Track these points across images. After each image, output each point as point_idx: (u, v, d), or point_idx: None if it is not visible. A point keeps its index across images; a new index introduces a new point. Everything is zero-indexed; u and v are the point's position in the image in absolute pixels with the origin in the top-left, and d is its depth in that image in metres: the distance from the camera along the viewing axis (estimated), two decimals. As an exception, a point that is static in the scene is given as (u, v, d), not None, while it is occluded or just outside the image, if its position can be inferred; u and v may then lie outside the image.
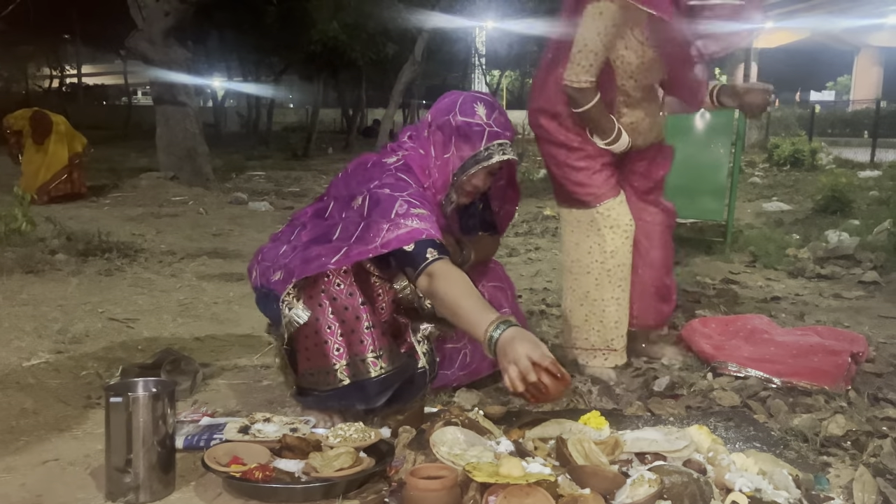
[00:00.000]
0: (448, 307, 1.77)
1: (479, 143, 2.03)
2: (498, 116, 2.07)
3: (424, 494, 1.39)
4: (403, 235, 1.81)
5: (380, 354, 1.88)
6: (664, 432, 1.76)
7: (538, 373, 1.56)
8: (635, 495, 1.44)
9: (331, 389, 1.88)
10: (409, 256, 1.81)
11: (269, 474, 1.56)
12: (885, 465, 1.67)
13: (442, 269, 1.79)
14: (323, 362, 1.88)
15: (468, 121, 2.03)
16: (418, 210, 1.86)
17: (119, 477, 1.55)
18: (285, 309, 1.86)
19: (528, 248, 5.05)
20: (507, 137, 2.07)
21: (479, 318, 1.69)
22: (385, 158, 2.06)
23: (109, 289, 3.58)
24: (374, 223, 1.86)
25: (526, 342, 1.60)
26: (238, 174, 9.82)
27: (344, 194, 2.03)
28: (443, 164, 2.05)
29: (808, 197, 7.71)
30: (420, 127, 2.14)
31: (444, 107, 2.09)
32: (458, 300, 1.74)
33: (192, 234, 5.46)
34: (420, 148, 2.08)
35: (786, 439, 1.89)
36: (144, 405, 1.55)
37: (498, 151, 2.03)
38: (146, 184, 7.92)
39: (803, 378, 2.27)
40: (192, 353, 2.54)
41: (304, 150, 14.64)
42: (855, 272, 4.29)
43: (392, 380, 1.90)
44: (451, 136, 2.04)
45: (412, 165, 2.03)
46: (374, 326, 1.89)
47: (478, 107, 2.06)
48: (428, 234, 1.82)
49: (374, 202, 1.90)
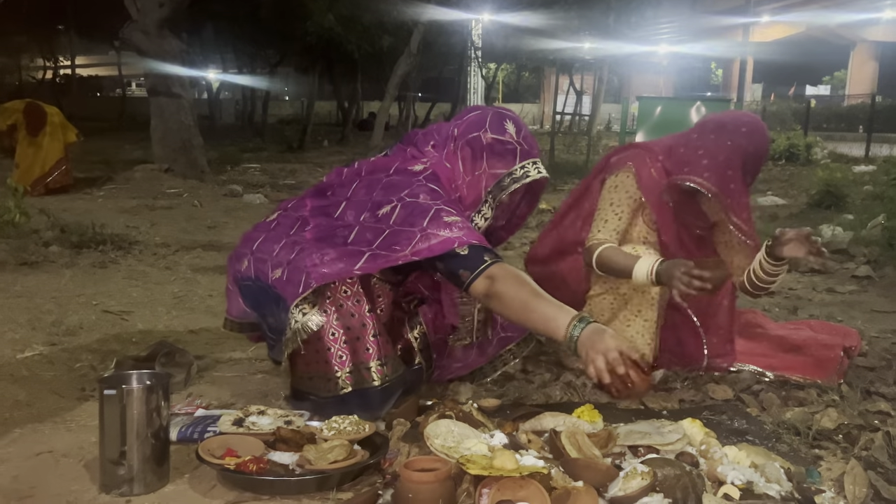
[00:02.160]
0: (517, 308, 1.78)
1: (512, 162, 2.02)
2: (526, 134, 2.08)
3: (418, 487, 1.40)
4: (449, 239, 1.80)
5: (384, 363, 1.87)
6: (657, 425, 1.77)
7: (626, 366, 1.64)
8: (628, 488, 1.45)
9: (330, 396, 1.86)
10: (463, 259, 1.80)
11: (263, 466, 1.56)
12: (876, 459, 1.68)
13: (505, 271, 1.80)
14: (324, 368, 1.86)
15: (500, 138, 2.03)
16: (460, 219, 1.86)
17: (113, 469, 1.55)
18: (298, 314, 1.81)
19: (524, 241, 5.04)
20: (537, 155, 2.08)
21: (556, 315, 1.74)
22: (409, 166, 2.01)
23: (104, 281, 3.58)
24: (405, 231, 1.83)
25: (614, 337, 1.68)
26: (233, 166, 9.79)
27: (364, 199, 1.97)
28: (473, 181, 2.02)
29: (802, 191, 7.74)
30: (442, 137, 2.09)
31: (472, 122, 2.06)
32: (528, 300, 1.77)
33: (187, 226, 5.45)
34: (446, 161, 2.04)
35: (778, 433, 1.90)
36: (138, 398, 1.55)
37: (533, 169, 2.04)
38: (140, 176, 7.89)
39: (796, 372, 2.28)
40: (187, 345, 2.53)
41: (300, 143, 14.59)
42: (848, 266, 4.31)
43: (394, 388, 1.89)
44: (482, 153, 2.02)
45: (440, 177, 2.00)
46: (380, 334, 1.87)
47: (507, 124, 2.06)
48: (475, 240, 1.82)
49: (410, 210, 1.86)
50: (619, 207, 2.27)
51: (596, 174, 2.44)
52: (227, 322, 2.20)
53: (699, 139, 2.23)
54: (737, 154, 2.15)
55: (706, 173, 2.16)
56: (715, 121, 2.26)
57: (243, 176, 9.17)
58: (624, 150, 2.42)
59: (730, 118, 2.26)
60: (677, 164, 2.25)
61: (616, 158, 2.38)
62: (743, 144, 2.16)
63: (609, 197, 2.30)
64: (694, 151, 2.21)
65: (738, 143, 2.16)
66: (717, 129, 2.20)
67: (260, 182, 8.62)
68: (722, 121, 2.24)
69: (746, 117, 2.29)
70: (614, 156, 2.42)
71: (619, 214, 2.27)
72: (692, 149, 2.22)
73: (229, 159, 10.18)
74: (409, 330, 2.05)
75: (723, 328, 2.37)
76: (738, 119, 2.24)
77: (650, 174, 2.28)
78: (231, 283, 2.10)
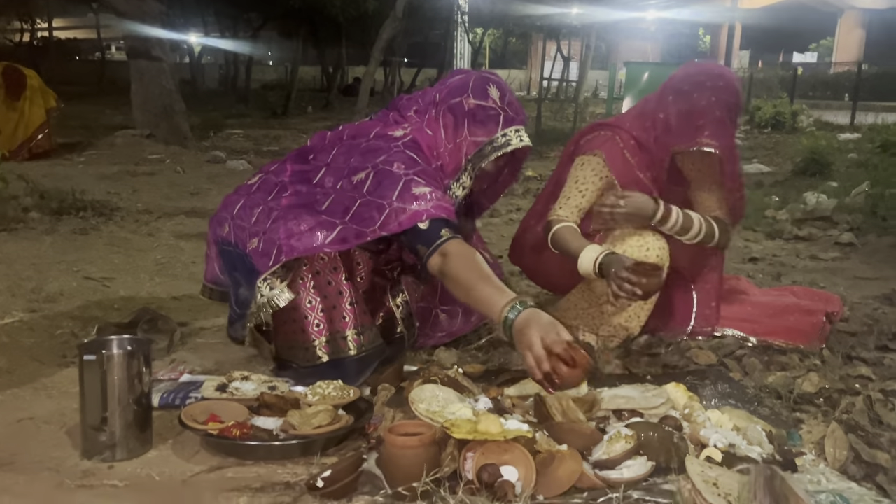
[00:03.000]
0: (462, 288, 1.72)
1: (495, 129, 1.96)
2: (511, 100, 2.02)
3: (403, 451, 1.40)
4: (416, 213, 1.75)
5: (361, 332, 1.85)
6: (641, 390, 1.78)
7: (552, 361, 1.52)
8: (612, 451, 1.46)
9: (309, 366, 1.85)
10: (422, 234, 1.75)
11: (246, 432, 1.56)
12: (856, 422, 1.70)
13: (456, 249, 1.74)
14: (301, 338, 1.84)
15: (482, 104, 1.97)
16: (430, 189, 1.80)
17: (95, 435, 1.53)
18: (265, 288, 1.79)
19: (510, 208, 5.03)
20: (521, 122, 2.02)
21: (494, 299, 1.65)
22: (390, 131, 1.97)
23: (84, 248, 3.53)
24: (376, 202, 1.78)
25: (540, 325, 1.55)
26: (216, 132, 9.65)
27: (342, 165, 1.93)
28: (454, 148, 1.97)
29: (788, 159, 7.76)
30: (425, 103, 2.05)
31: (454, 87, 2.01)
32: (472, 281, 1.70)
33: (170, 192, 5.38)
34: (427, 127, 1.99)
35: (760, 397, 1.91)
36: (119, 363, 1.53)
37: (515, 137, 1.98)
38: (121, 141, 7.76)
39: (779, 337, 2.30)
40: (170, 312, 2.51)
41: (284, 109, 14.39)
42: (832, 234, 4.34)
43: (371, 359, 1.88)
44: (463, 120, 1.97)
45: (420, 143, 1.95)
46: (357, 303, 1.85)
47: (491, 89, 1.99)
48: (442, 214, 1.77)
49: (381, 179, 1.82)
50: (584, 185, 2.26)
51: (568, 160, 2.40)
52: (204, 288, 2.18)
53: (679, 101, 2.18)
54: (726, 107, 2.14)
55: (706, 132, 2.12)
56: (689, 79, 2.20)
57: (227, 142, 9.05)
58: (593, 130, 2.38)
59: (702, 73, 2.21)
60: (664, 133, 2.21)
61: (585, 141, 2.34)
62: (725, 97, 2.15)
63: (575, 174, 2.28)
64: (681, 115, 2.17)
65: (723, 97, 2.14)
66: (697, 86, 2.16)
67: (243, 148, 8.51)
68: (696, 78, 2.19)
69: (717, 69, 2.27)
70: (583, 137, 2.38)
71: (582, 192, 2.25)
72: (678, 113, 2.18)
73: (212, 125, 10.02)
74: (392, 298, 2.03)
75: (712, 291, 2.39)
76: (713, 72, 2.21)
77: (623, 156, 2.26)
78: (211, 246, 2.07)
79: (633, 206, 2.14)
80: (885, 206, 4.51)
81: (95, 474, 1.49)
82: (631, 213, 2.14)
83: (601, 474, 1.42)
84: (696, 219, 2.22)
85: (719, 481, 1.32)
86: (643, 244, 2.15)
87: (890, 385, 1.92)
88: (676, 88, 2.23)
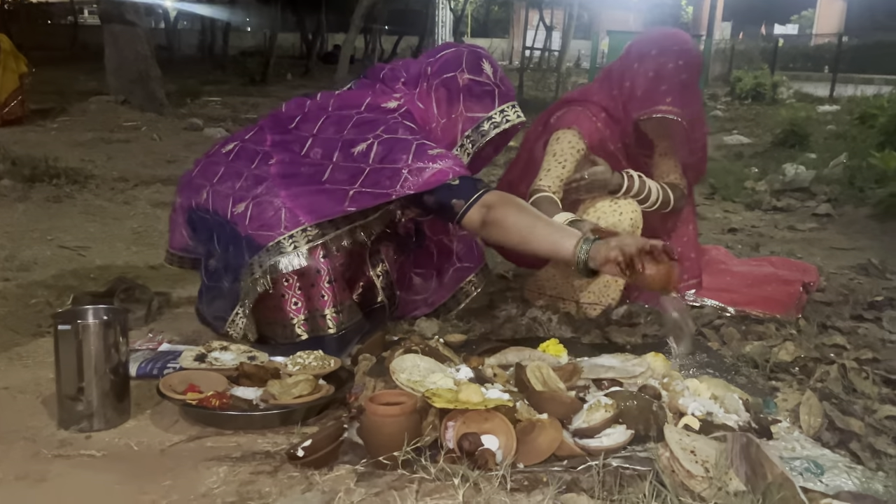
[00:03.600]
0: (519, 233, 1.73)
1: (491, 105, 1.96)
2: (502, 75, 2.02)
3: (383, 420, 1.40)
4: (442, 171, 1.74)
5: (339, 310, 1.84)
6: (621, 359, 1.79)
7: (641, 257, 1.62)
8: (591, 420, 1.47)
9: (288, 342, 1.84)
10: (455, 190, 1.75)
11: (226, 402, 1.55)
12: (830, 390, 1.73)
13: (501, 198, 1.75)
14: (280, 315, 1.83)
15: (477, 80, 1.95)
16: (441, 151, 1.80)
17: (71, 405, 1.52)
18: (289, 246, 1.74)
19: (491, 178, 4.99)
20: (514, 97, 2.03)
21: (562, 238, 1.69)
22: (382, 102, 1.94)
23: (59, 216, 3.47)
24: (387, 168, 1.77)
25: (624, 237, 1.67)
26: (193, 99, 9.46)
27: (333, 136, 1.90)
28: (449, 124, 1.96)
29: (767, 130, 7.79)
30: (413, 75, 2.02)
31: (447, 61, 1.98)
32: (531, 225, 1.72)
33: (146, 160, 5.28)
34: (418, 101, 1.97)
35: (737, 365, 1.94)
36: (95, 333, 1.51)
37: (513, 113, 1.98)
38: (95, 108, 7.59)
39: (757, 307, 2.33)
40: (148, 281, 2.48)
41: (262, 76, 14.14)
42: (809, 205, 4.38)
43: (350, 336, 1.87)
44: (458, 95, 1.95)
45: (415, 116, 1.93)
46: (335, 280, 1.83)
47: (485, 65, 1.98)
48: (466, 172, 1.77)
49: (390, 146, 1.80)
50: (563, 156, 2.27)
51: (538, 137, 2.40)
52: (171, 256, 2.13)
53: (642, 67, 2.21)
54: (686, 70, 2.16)
55: (668, 98, 2.15)
56: (651, 45, 2.23)
57: (204, 109, 8.89)
58: (563, 106, 2.38)
59: (664, 38, 2.23)
60: (628, 101, 2.23)
61: (558, 117, 2.34)
62: (687, 60, 2.17)
63: (553, 149, 2.29)
64: (645, 81, 2.19)
65: (684, 61, 2.16)
66: (660, 52, 2.19)
67: (221, 116, 8.37)
68: (658, 43, 2.21)
69: (678, 34, 2.29)
70: (553, 114, 2.38)
71: (562, 163, 2.26)
72: (641, 79, 2.21)
73: (189, 92, 9.82)
74: (372, 267, 2.02)
75: (689, 244, 2.45)
76: (673, 37, 2.24)
77: (597, 129, 2.27)
78: (178, 212, 2.03)
79: (595, 177, 2.19)
80: (861, 178, 4.56)
81: (72, 444, 1.48)
82: (592, 184, 2.19)
83: (581, 443, 1.44)
84: (654, 188, 2.28)
85: (697, 448, 1.33)
86: (616, 208, 2.20)
87: (864, 354, 1.95)
88: (637, 53, 2.26)
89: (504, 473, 1.32)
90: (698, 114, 2.30)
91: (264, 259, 1.75)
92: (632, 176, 2.25)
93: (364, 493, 1.30)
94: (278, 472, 1.38)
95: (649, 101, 2.18)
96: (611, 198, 2.22)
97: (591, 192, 2.22)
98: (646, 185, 2.26)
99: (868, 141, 5.63)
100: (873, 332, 2.21)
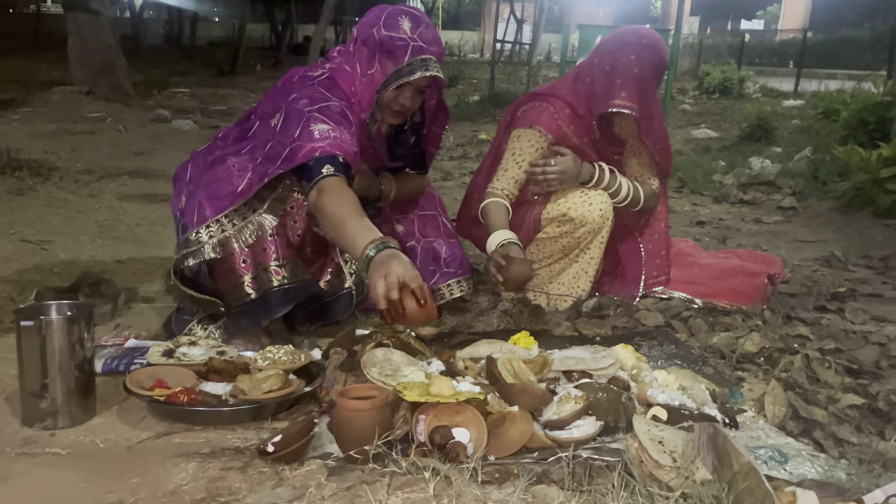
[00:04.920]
0: (331, 223, 1.73)
1: (402, 59, 1.93)
2: (424, 31, 1.98)
3: (354, 415, 1.39)
4: (311, 150, 1.76)
5: (283, 264, 1.86)
6: (591, 351, 1.80)
7: (403, 294, 1.56)
8: (562, 411, 1.48)
9: (240, 305, 1.84)
10: (307, 170, 1.77)
11: (194, 398, 1.53)
12: (794, 380, 1.76)
13: (332, 186, 1.74)
14: (232, 278, 1.85)
15: (392, 35, 1.94)
16: (329, 126, 1.80)
17: (35, 402, 1.49)
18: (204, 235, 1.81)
19: (463, 171, 5.02)
20: (433, 53, 1.98)
21: (360, 235, 1.66)
22: (311, 72, 1.97)
23: (21, 209, 3.39)
24: (281, 140, 1.81)
25: (400, 262, 1.59)
26: (160, 90, 9.31)
27: (269, 111, 1.94)
28: (367, 81, 1.96)
29: (735, 124, 7.90)
30: (348, 42, 2.05)
31: (368, 21, 1.99)
32: (343, 217, 1.71)
33: (111, 152, 5.19)
34: (346, 64, 1.99)
35: (704, 356, 1.97)
36: (59, 328, 1.48)
37: (421, 67, 1.93)
38: (59, 98, 7.41)
39: (723, 299, 2.36)
40: (114, 276, 2.44)
41: (231, 67, 13.96)
42: (775, 198, 4.46)
43: (294, 293, 1.87)
44: (374, 52, 1.95)
45: (338, 80, 1.95)
46: (278, 235, 1.86)
47: (403, 20, 1.96)
48: (330, 151, 1.76)
49: (289, 117, 1.84)
50: (521, 157, 2.29)
51: (504, 130, 2.42)
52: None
53: (603, 62, 2.24)
54: (646, 66, 2.19)
55: (623, 93, 2.17)
56: (614, 41, 2.26)
57: (171, 100, 8.76)
58: (528, 101, 2.39)
59: (628, 35, 2.26)
60: (589, 97, 2.26)
61: (521, 113, 2.36)
62: (647, 56, 2.19)
63: (512, 147, 2.32)
64: (603, 76, 2.22)
65: (643, 56, 2.19)
66: (620, 47, 2.22)
67: (189, 107, 8.25)
68: (621, 39, 2.25)
69: (643, 31, 2.32)
70: (519, 108, 2.39)
71: (519, 164, 2.29)
72: (600, 74, 2.23)
73: (156, 83, 9.65)
74: (340, 252, 2.00)
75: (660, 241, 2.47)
76: (637, 33, 2.27)
77: (558, 127, 2.29)
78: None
79: (564, 166, 2.22)
80: (825, 172, 4.65)
81: (37, 442, 1.45)
82: (561, 173, 2.22)
83: (551, 434, 1.45)
84: (626, 184, 2.31)
85: (665, 439, 1.35)
86: (586, 199, 2.23)
87: (827, 344, 1.99)
88: (600, 49, 2.30)
89: (475, 466, 1.32)
90: (656, 110, 2.31)
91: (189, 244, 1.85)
92: (603, 169, 2.28)
93: (335, 488, 1.29)
94: (248, 467, 1.37)
95: (606, 95, 2.21)
96: (581, 189, 2.25)
97: (562, 183, 2.24)
98: (617, 179, 2.29)
99: (831, 135, 5.74)
100: (836, 322, 2.26)
